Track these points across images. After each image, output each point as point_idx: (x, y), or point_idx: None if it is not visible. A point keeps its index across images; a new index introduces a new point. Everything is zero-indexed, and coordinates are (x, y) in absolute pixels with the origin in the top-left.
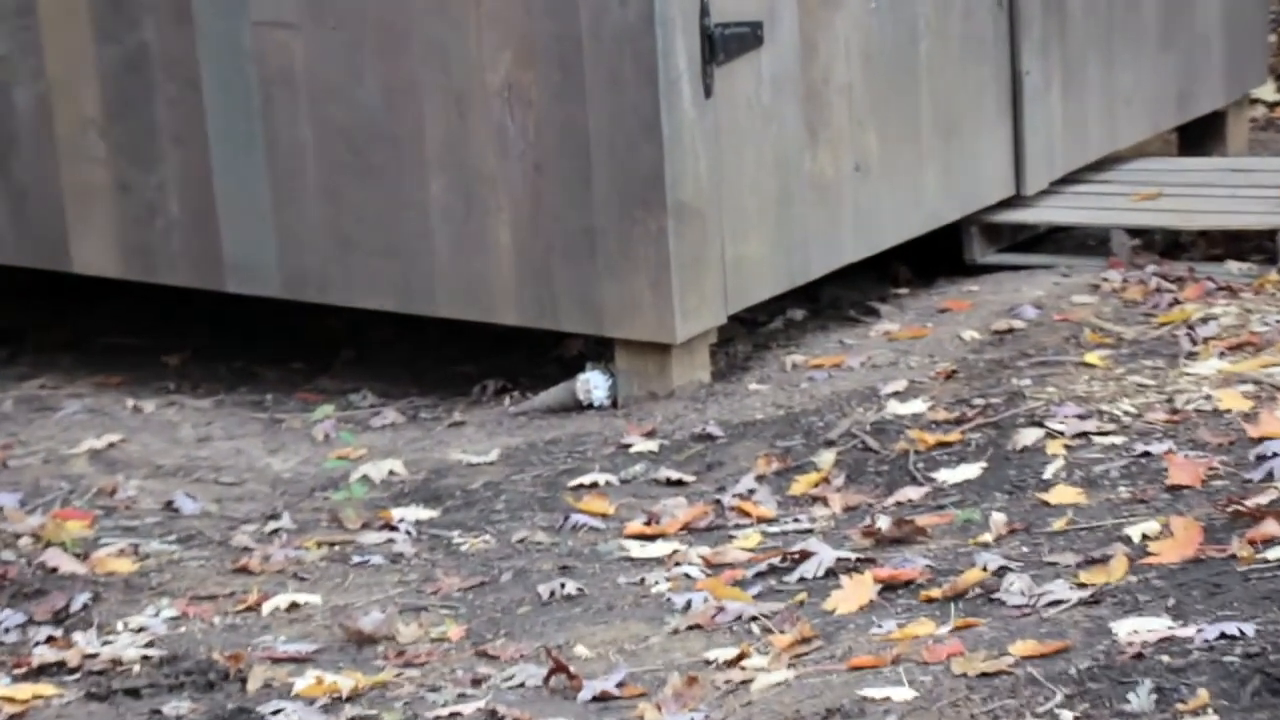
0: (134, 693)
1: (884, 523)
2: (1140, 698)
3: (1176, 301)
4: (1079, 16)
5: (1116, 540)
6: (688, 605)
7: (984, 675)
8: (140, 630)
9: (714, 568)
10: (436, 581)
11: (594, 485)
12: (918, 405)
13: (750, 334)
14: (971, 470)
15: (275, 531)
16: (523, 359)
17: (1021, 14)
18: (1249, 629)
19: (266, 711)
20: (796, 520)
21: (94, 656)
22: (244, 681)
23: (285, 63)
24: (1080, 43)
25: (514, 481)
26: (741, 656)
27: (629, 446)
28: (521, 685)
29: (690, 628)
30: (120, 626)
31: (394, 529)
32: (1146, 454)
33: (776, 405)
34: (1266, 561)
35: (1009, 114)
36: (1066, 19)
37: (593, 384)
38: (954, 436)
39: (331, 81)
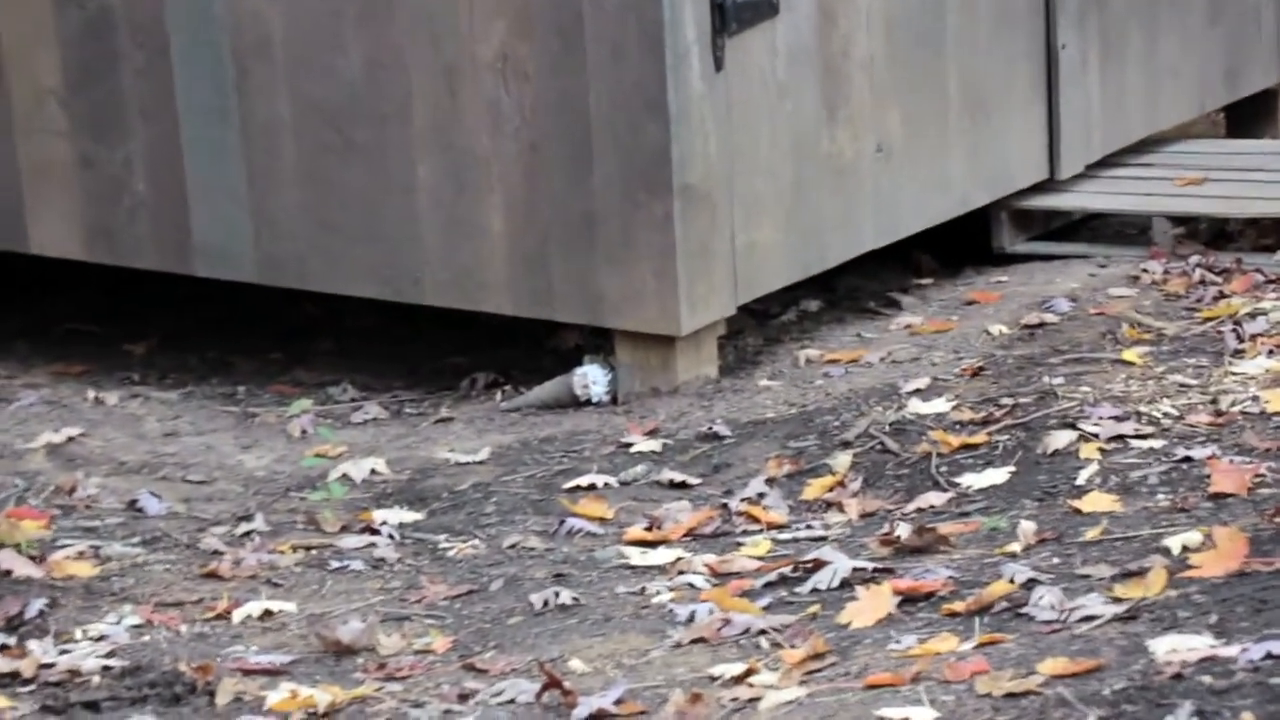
0: (93, 706)
1: (904, 530)
2: None
3: (1222, 295)
4: None
5: (1155, 551)
6: (691, 617)
7: (1010, 695)
8: (100, 639)
9: (720, 577)
10: (421, 589)
11: (591, 487)
12: (941, 404)
13: (761, 326)
14: (999, 475)
15: (247, 534)
16: (516, 351)
17: None
18: None
19: None
20: (809, 527)
21: (50, 666)
22: (212, 695)
23: (261, 31)
24: (1121, 15)
25: (505, 482)
26: (749, 673)
27: (629, 446)
28: (512, 701)
29: (694, 641)
30: (79, 634)
31: (375, 532)
32: (1188, 459)
33: (789, 403)
34: None
35: (1043, 91)
36: None
37: (591, 378)
38: (980, 438)
39: (311, 52)
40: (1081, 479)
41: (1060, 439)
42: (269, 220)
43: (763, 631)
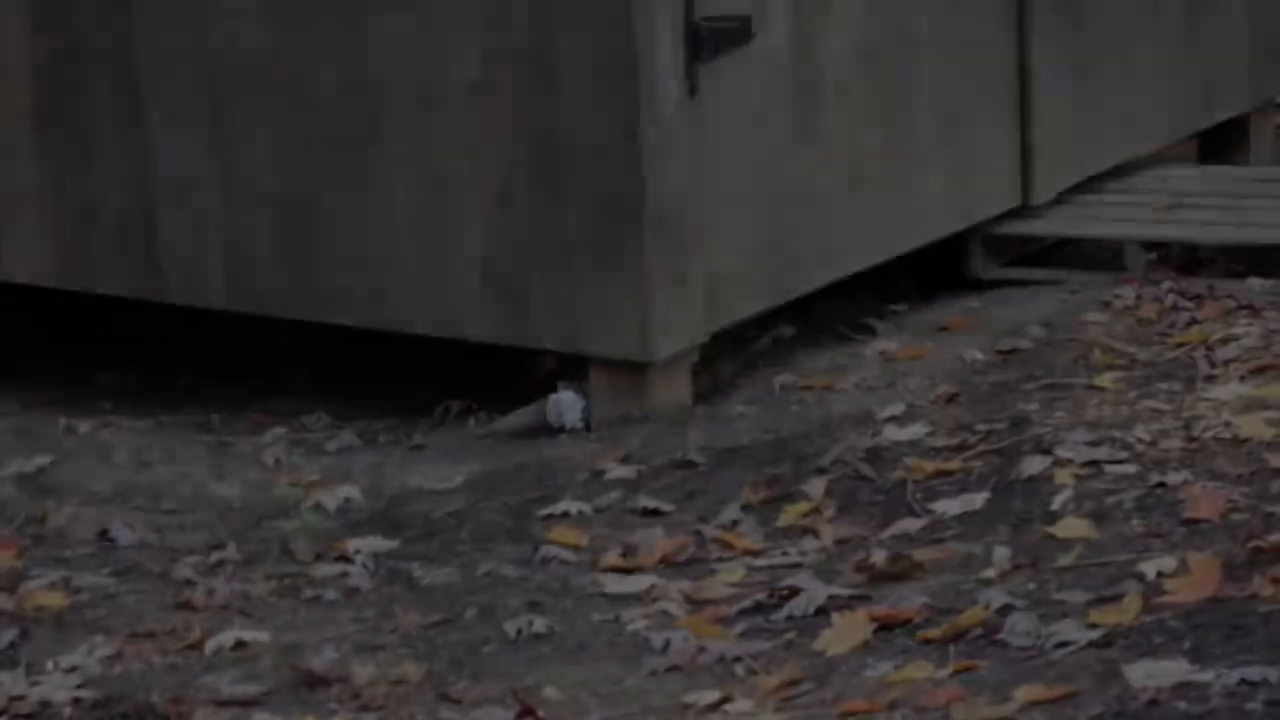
0: None
1: (879, 557)
2: None
3: (1194, 321)
4: (1093, 13)
5: (1129, 577)
6: (666, 645)
7: None
8: (72, 670)
9: (695, 604)
10: (395, 618)
11: (566, 515)
12: (916, 430)
13: (736, 353)
14: (974, 501)
15: (220, 563)
16: (489, 378)
17: (1031, 9)
18: (1272, 674)
19: None
20: (784, 553)
21: (21, 699)
22: None
23: (234, 55)
24: (1095, 43)
25: (479, 510)
26: (724, 700)
27: (604, 473)
28: None
29: (669, 669)
30: (50, 666)
31: (349, 561)
32: (1162, 484)
33: (764, 429)
34: None
35: (1016, 117)
36: (1080, 15)
37: (565, 405)
38: (955, 465)
39: (285, 76)
40: (1056, 505)
41: (1035, 465)
42: (241, 246)
43: (738, 659)
